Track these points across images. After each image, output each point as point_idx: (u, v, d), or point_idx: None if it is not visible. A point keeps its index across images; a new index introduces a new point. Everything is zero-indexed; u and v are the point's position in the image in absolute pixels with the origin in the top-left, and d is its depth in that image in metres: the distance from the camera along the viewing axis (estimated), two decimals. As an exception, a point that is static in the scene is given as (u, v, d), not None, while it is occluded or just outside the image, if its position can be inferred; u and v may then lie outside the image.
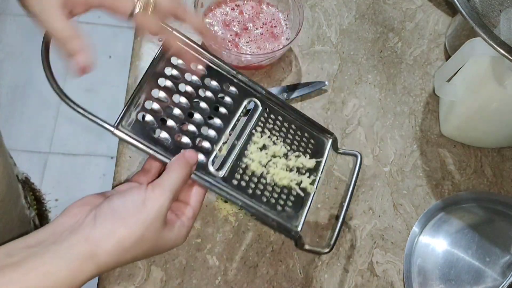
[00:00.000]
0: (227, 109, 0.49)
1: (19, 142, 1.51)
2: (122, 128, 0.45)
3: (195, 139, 0.47)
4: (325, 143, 0.56)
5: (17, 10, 1.68)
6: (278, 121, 0.52)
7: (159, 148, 0.45)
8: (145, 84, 0.46)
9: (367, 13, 0.79)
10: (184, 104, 0.47)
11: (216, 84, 0.49)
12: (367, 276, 0.62)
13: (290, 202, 0.51)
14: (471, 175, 0.69)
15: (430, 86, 0.75)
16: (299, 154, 0.53)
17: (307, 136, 0.53)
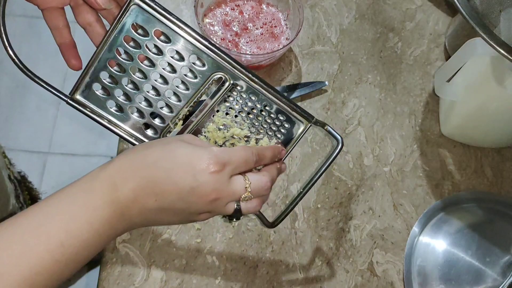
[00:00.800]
0: (189, 82, 0.46)
1: (19, 142, 1.51)
2: (77, 98, 0.45)
3: (150, 112, 0.47)
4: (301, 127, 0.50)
5: (17, 10, 1.68)
6: (250, 100, 0.48)
7: (113, 118, 0.46)
8: (102, 54, 0.45)
9: (367, 13, 0.79)
10: (142, 74, 0.46)
11: (179, 54, 0.45)
12: (367, 276, 0.62)
13: None
14: (471, 175, 0.69)
15: (430, 86, 0.75)
16: (262, 137, 0.49)
17: (281, 119, 0.48)
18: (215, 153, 0.40)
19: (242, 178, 0.42)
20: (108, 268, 0.59)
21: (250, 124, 0.48)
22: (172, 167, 0.40)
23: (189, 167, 0.40)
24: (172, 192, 0.40)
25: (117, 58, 0.44)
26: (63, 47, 0.48)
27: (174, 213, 0.41)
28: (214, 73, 0.46)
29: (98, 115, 0.46)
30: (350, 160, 0.68)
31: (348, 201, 0.66)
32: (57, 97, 0.45)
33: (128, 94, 0.46)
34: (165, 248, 0.61)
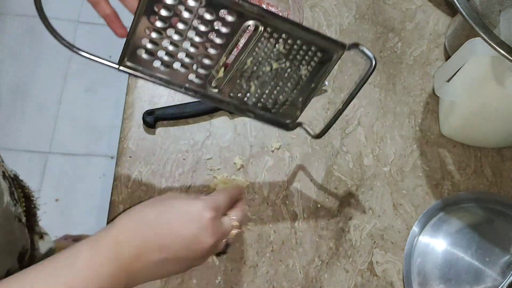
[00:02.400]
0: (223, 34, 0.49)
1: (19, 142, 1.51)
2: (126, 64, 0.49)
3: (193, 65, 0.51)
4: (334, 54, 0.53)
5: (17, 10, 1.68)
6: (282, 39, 0.51)
7: (162, 75, 0.50)
8: (140, 19, 0.47)
9: (367, 13, 0.79)
10: (180, 32, 0.49)
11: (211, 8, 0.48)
12: (367, 276, 0.62)
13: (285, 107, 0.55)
14: (470, 175, 0.69)
15: (430, 86, 0.75)
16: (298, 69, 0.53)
17: (313, 50, 0.52)
18: (207, 202, 0.45)
19: (228, 219, 0.48)
20: (108, 268, 0.59)
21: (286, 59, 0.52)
22: (173, 219, 0.44)
23: (189, 216, 0.44)
24: (176, 242, 0.43)
25: (154, 24, 0.47)
26: (108, 18, 0.51)
27: (177, 263, 0.44)
28: (245, 22, 0.49)
29: (148, 75, 0.50)
30: (350, 160, 0.68)
31: (348, 201, 0.66)
32: (108, 66, 0.48)
33: (170, 53, 0.50)
34: (165, 248, 0.61)
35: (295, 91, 0.54)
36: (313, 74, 0.53)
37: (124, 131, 0.67)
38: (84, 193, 1.46)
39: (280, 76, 0.53)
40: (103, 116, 1.54)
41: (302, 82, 0.54)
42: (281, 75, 0.53)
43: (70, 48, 0.49)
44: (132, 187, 0.64)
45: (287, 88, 0.54)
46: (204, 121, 0.69)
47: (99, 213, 1.41)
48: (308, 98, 0.55)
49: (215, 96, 0.53)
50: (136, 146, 0.66)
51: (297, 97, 0.55)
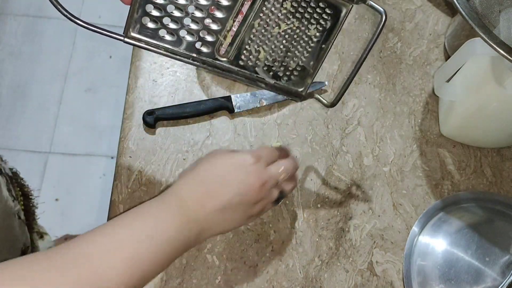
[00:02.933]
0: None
1: (19, 142, 1.52)
2: (132, 35, 0.48)
3: (200, 31, 0.49)
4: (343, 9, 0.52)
5: (17, 10, 1.68)
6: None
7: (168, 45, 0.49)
8: None
9: (367, 13, 0.79)
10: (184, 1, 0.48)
11: None
12: (367, 275, 0.62)
13: (296, 72, 0.54)
14: (470, 175, 0.69)
15: (430, 86, 0.75)
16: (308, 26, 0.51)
17: (322, 6, 0.50)
18: (249, 151, 0.51)
19: (275, 164, 0.52)
20: (109, 268, 0.59)
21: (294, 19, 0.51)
22: (221, 170, 0.49)
23: (234, 165, 0.49)
24: (227, 189, 0.48)
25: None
26: None
27: (234, 210, 0.48)
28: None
29: (154, 46, 0.49)
30: (350, 160, 0.68)
31: (348, 201, 0.66)
32: (113, 38, 0.47)
33: (176, 19, 0.48)
34: (165, 247, 0.61)
35: (306, 54, 0.53)
36: (323, 34, 0.52)
37: (124, 131, 0.67)
38: (84, 193, 1.46)
39: (290, 39, 0.52)
40: (103, 116, 1.54)
41: (312, 43, 0.52)
42: (290, 37, 0.51)
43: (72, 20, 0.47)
44: (132, 187, 0.64)
45: (297, 51, 0.53)
46: (204, 121, 0.69)
47: (99, 213, 1.41)
48: (319, 62, 0.54)
49: (223, 65, 0.52)
50: (136, 146, 0.66)
51: (307, 61, 0.53)
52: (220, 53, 0.51)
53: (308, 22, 0.51)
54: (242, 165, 0.49)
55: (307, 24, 0.51)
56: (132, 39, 0.48)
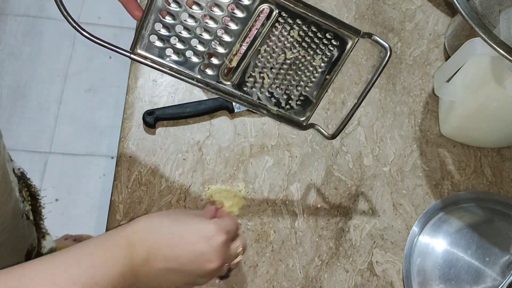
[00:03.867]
0: (238, 18, 0.48)
1: (19, 142, 1.51)
2: (138, 52, 0.48)
3: (205, 52, 0.49)
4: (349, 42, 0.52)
5: (17, 10, 1.68)
6: (296, 24, 0.50)
7: (174, 65, 0.49)
8: (153, 6, 0.47)
9: (367, 14, 0.79)
10: (193, 20, 0.48)
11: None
12: (367, 275, 0.62)
13: (299, 102, 0.54)
14: (470, 175, 0.69)
15: (430, 86, 0.75)
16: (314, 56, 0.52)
17: (328, 37, 0.51)
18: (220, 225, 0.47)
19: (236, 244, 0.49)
20: (109, 268, 0.59)
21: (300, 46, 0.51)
22: (187, 233, 0.45)
23: (202, 234, 0.46)
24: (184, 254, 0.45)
25: (168, 8, 0.47)
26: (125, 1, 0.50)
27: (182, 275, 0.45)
28: (259, 5, 0.48)
29: (160, 64, 0.49)
30: (350, 160, 0.68)
31: (348, 201, 0.66)
32: (119, 53, 0.47)
33: (183, 40, 0.49)
34: (165, 247, 0.61)
35: (310, 83, 0.53)
36: (328, 65, 0.52)
37: (124, 131, 0.67)
38: (84, 193, 1.46)
39: (295, 67, 0.52)
40: (103, 116, 1.54)
41: (317, 73, 0.53)
42: (295, 65, 0.52)
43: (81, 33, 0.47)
44: (132, 187, 0.64)
45: (302, 80, 0.53)
46: (204, 121, 0.69)
47: (99, 213, 1.41)
48: (323, 92, 0.54)
49: (227, 89, 0.52)
50: (136, 146, 0.66)
51: (311, 90, 0.54)
52: (225, 76, 0.51)
53: (314, 52, 0.51)
54: (210, 238, 0.46)
55: (312, 53, 0.51)
56: (138, 55, 0.48)
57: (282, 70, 0.52)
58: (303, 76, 0.53)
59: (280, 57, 0.51)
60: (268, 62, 0.51)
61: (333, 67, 0.53)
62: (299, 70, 0.52)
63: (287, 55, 0.51)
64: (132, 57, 0.48)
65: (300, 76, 0.53)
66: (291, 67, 0.52)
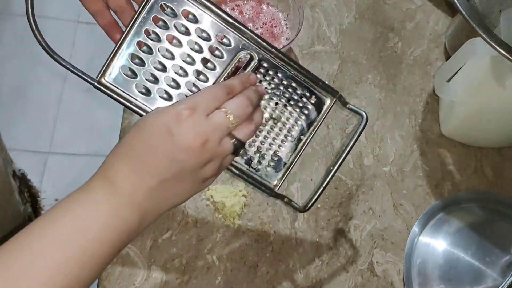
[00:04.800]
0: (216, 61, 0.46)
1: (19, 142, 1.51)
2: (105, 80, 0.46)
3: (178, 93, 0.46)
4: (326, 103, 0.50)
5: (17, 10, 1.68)
6: (276, 77, 0.48)
7: (141, 101, 0.46)
8: (130, 35, 0.45)
9: (367, 13, 0.79)
10: (170, 54, 0.46)
11: (206, 33, 0.46)
12: (367, 276, 0.62)
13: (272, 162, 0.50)
14: (471, 175, 0.69)
15: (430, 86, 0.75)
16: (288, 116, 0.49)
17: (307, 95, 0.49)
18: (179, 104, 0.40)
19: (218, 111, 0.41)
20: (109, 268, 0.59)
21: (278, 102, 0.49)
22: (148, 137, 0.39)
23: (162, 127, 0.39)
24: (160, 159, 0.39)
25: (146, 39, 0.45)
26: (106, 27, 0.49)
27: (178, 180, 0.40)
28: (240, 51, 0.46)
29: (125, 99, 0.46)
30: (350, 160, 0.68)
31: (348, 201, 0.66)
32: (84, 80, 0.45)
33: (156, 76, 0.46)
34: (165, 248, 0.61)
35: (285, 142, 0.50)
36: (304, 125, 0.50)
37: (124, 131, 0.67)
38: (84, 193, 1.46)
39: (270, 123, 0.49)
40: (103, 116, 1.54)
41: (293, 131, 0.50)
42: (271, 121, 0.49)
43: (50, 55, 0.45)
44: (132, 187, 0.64)
45: (276, 138, 0.50)
46: (204, 121, 0.69)
47: (99, 213, 1.41)
48: (297, 155, 0.51)
49: None
50: (136, 146, 0.66)
51: (285, 151, 0.50)
52: None
53: (292, 108, 0.49)
54: (173, 123, 0.39)
55: (290, 110, 0.49)
56: (103, 86, 0.45)
57: None
58: (278, 132, 0.50)
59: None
60: None
61: (309, 128, 0.50)
62: (275, 126, 0.49)
63: (264, 109, 0.48)
64: (96, 86, 0.45)
65: (276, 133, 0.50)
66: (266, 121, 0.49)
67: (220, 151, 0.41)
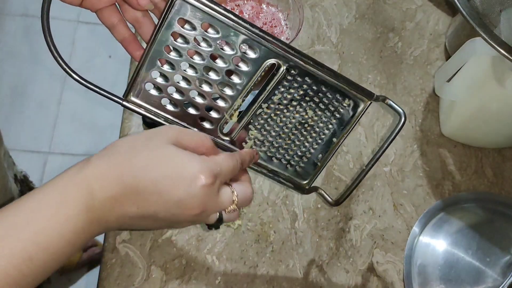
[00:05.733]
0: (242, 71, 0.45)
1: (19, 142, 1.51)
2: (132, 99, 0.45)
3: (204, 105, 0.46)
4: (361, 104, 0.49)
5: (17, 10, 1.68)
6: (305, 83, 0.47)
7: (169, 116, 0.46)
8: (151, 53, 0.44)
9: (367, 13, 0.79)
10: (193, 70, 0.45)
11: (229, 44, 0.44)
12: (367, 276, 0.62)
13: (302, 163, 0.50)
14: (471, 175, 0.69)
15: (430, 86, 0.75)
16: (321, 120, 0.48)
17: (339, 99, 0.47)
18: (207, 165, 0.39)
19: (229, 191, 0.41)
20: (108, 268, 0.59)
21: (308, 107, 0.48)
22: (161, 177, 0.37)
23: (179, 178, 0.38)
24: (158, 202, 0.38)
25: (167, 56, 0.44)
26: (125, 42, 0.47)
27: (154, 221, 0.39)
28: (266, 60, 0.45)
29: (154, 114, 0.46)
30: (350, 160, 0.68)
31: (348, 201, 0.66)
32: (112, 100, 0.45)
33: (181, 90, 0.45)
34: (165, 248, 0.61)
35: (315, 145, 0.49)
36: (336, 127, 0.49)
37: (124, 131, 0.67)
38: (84, 193, 1.46)
39: (300, 127, 0.48)
40: (103, 116, 1.54)
41: (324, 135, 0.49)
42: (301, 125, 0.48)
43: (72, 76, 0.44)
44: (132, 187, 0.64)
45: (307, 142, 0.49)
46: (204, 121, 0.69)
47: (99, 213, 1.41)
48: (328, 156, 0.50)
49: (225, 145, 0.47)
50: (136, 146, 0.66)
51: (316, 153, 0.50)
52: (224, 131, 0.47)
53: (322, 112, 0.48)
54: (190, 183, 0.38)
55: (321, 114, 0.48)
56: (131, 103, 0.45)
57: (286, 129, 0.48)
58: (308, 137, 0.49)
59: (285, 116, 0.47)
60: (271, 119, 0.48)
61: (342, 130, 0.49)
62: (305, 131, 0.49)
63: (293, 114, 0.47)
64: (125, 105, 0.45)
65: (306, 137, 0.49)
66: (296, 126, 0.48)
67: (204, 221, 0.42)
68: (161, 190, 0.37)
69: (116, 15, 0.47)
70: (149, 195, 0.37)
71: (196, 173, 0.38)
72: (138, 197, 0.37)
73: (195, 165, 0.38)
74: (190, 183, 0.38)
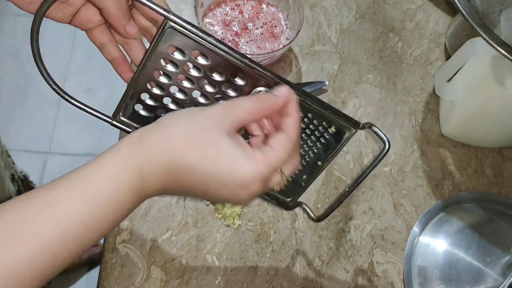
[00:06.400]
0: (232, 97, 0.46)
1: (19, 142, 1.51)
2: (121, 119, 0.46)
3: None
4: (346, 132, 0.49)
5: (17, 10, 1.68)
6: None
7: None
8: (141, 76, 0.44)
9: (367, 13, 0.79)
10: (182, 96, 0.46)
11: (219, 75, 0.45)
12: (367, 276, 0.62)
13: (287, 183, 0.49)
14: (471, 175, 0.69)
15: (430, 86, 0.75)
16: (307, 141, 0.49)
17: (325, 126, 0.48)
18: (258, 169, 0.38)
19: (279, 177, 0.40)
20: (108, 268, 0.59)
21: None
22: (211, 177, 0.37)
23: (229, 180, 0.37)
24: (204, 195, 0.39)
25: (157, 80, 0.44)
26: (114, 62, 0.47)
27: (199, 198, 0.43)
28: (255, 88, 0.45)
29: None
30: (350, 160, 0.68)
31: (348, 201, 0.66)
32: (101, 119, 0.45)
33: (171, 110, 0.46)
34: (165, 248, 0.61)
35: (300, 167, 0.50)
36: (321, 152, 0.50)
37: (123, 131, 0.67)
38: (84, 193, 1.46)
39: None
40: (103, 116, 1.54)
41: (309, 158, 0.50)
42: None
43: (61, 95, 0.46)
44: (132, 187, 0.64)
45: None
46: (204, 121, 0.69)
47: (99, 213, 1.41)
48: (312, 177, 0.51)
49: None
50: (136, 146, 0.66)
51: (301, 174, 0.51)
52: None
53: (308, 137, 0.49)
54: (238, 187, 0.38)
55: (306, 139, 0.49)
56: (120, 122, 0.46)
57: None
58: None
59: None
60: None
61: (327, 155, 0.50)
62: None
63: None
64: (114, 124, 0.46)
65: None
66: None
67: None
68: (209, 189, 0.38)
69: (106, 35, 0.47)
70: (196, 189, 0.38)
71: (247, 179, 0.38)
72: (185, 188, 0.38)
73: (246, 170, 0.38)
74: (238, 188, 0.38)
